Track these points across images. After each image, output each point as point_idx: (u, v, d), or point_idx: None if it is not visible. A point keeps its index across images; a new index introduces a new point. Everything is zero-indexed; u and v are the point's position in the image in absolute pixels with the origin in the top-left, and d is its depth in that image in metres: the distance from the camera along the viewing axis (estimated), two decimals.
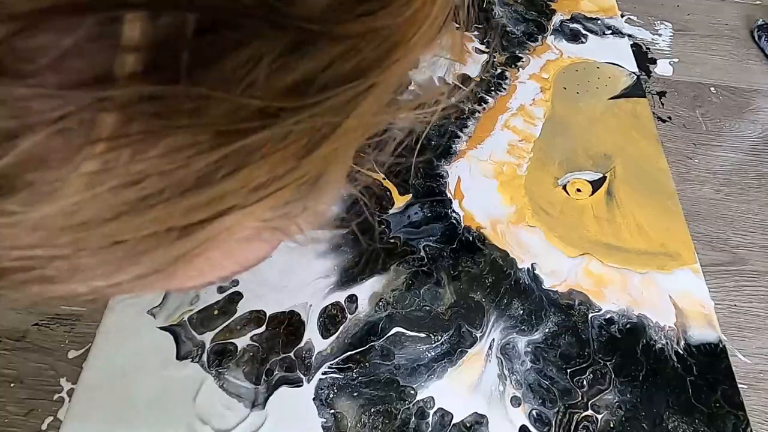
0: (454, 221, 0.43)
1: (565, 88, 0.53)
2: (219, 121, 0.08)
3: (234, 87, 0.08)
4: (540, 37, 0.57)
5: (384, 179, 0.45)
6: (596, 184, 0.46)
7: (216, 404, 0.33)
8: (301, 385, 0.34)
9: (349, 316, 0.37)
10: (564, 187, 0.46)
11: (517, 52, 0.55)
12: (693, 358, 0.38)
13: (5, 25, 0.07)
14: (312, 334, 0.37)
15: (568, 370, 0.36)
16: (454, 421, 0.34)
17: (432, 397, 0.35)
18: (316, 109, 0.09)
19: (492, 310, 0.39)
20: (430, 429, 0.34)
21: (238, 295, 0.38)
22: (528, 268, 0.41)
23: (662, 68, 0.57)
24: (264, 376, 0.35)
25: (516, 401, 0.35)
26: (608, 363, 0.37)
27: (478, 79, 0.51)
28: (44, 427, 0.33)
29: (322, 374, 0.35)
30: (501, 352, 0.37)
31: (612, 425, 0.35)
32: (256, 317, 0.37)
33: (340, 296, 0.38)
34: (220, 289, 0.38)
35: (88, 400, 0.33)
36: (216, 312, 0.37)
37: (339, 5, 0.09)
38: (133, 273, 0.10)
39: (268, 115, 0.09)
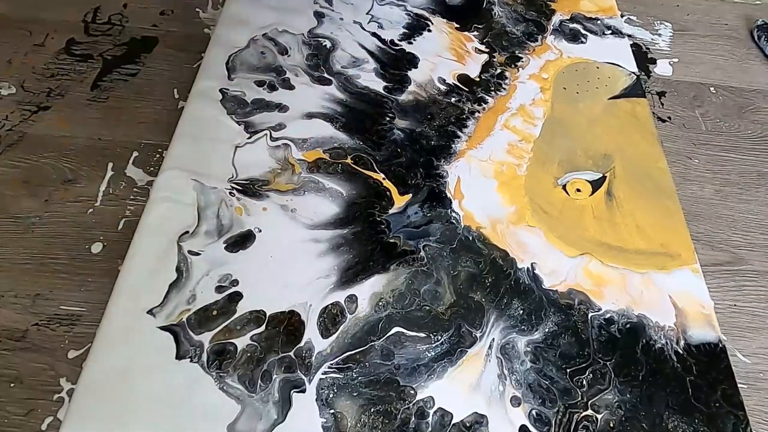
0: (454, 221, 0.43)
1: (564, 88, 0.53)
2: None
3: None
4: (540, 37, 0.57)
5: (384, 179, 0.45)
6: (596, 184, 0.46)
7: (215, 405, 0.33)
8: (305, 391, 0.34)
9: (349, 316, 0.37)
10: (564, 187, 0.46)
11: (517, 52, 0.55)
12: (693, 358, 0.38)
13: None
14: (312, 333, 0.37)
15: (568, 370, 0.36)
16: (453, 421, 0.34)
17: (432, 397, 0.35)
18: None
19: (492, 310, 0.39)
20: (429, 429, 0.34)
21: (238, 295, 0.38)
22: (528, 268, 0.41)
23: (662, 68, 0.57)
24: (265, 380, 0.35)
25: (516, 401, 0.35)
26: (608, 363, 0.37)
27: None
28: (44, 427, 0.33)
29: (322, 374, 0.35)
30: (501, 352, 0.37)
31: (612, 425, 0.35)
32: (255, 317, 0.37)
33: (340, 296, 0.38)
34: (220, 290, 0.38)
35: (88, 400, 0.33)
36: (215, 312, 0.37)
37: None
38: None
39: None
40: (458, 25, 0.57)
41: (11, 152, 0.40)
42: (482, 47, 0.55)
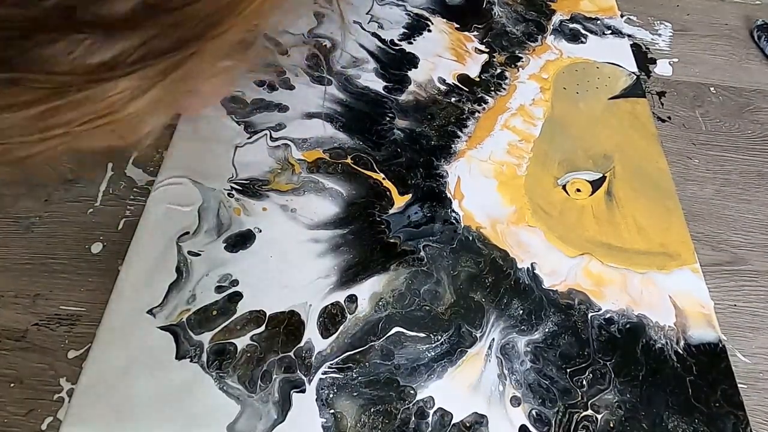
0: (454, 221, 0.43)
1: (564, 88, 0.53)
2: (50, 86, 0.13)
3: (52, 67, 0.12)
4: (540, 37, 0.57)
5: (384, 179, 0.45)
6: (596, 184, 0.46)
7: (215, 405, 0.33)
8: (305, 391, 0.34)
9: (348, 316, 0.37)
10: (564, 187, 0.46)
11: (517, 52, 0.55)
12: (693, 358, 0.38)
13: None
14: (312, 333, 0.37)
15: (568, 370, 0.36)
16: (453, 421, 0.34)
17: (432, 397, 0.35)
18: (135, 72, 0.13)
19: (492, 310, 0.39)
20: (429, 429, 0.34)
21: (238, 295, 0.38)
22: (528, 268, 0.41)
23: (662, 68, 0.57)
24: (265, 380, 0.35)
25: (516, 401, 0.35)
26: (608, 363, 0.37)
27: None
28: (44, 427, 0.33)
29: (322, 374, 0.35)
30: (501, 352, 0.37)
31: (612, 425, 0.35)
32: (255, 317, 0.37)
33: (340, 296, 0.38)
34: (219, 290, 0.38)
35: (88, 400, 0.33)
36: (215, 312, 0.37)
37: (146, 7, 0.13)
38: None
39: (85, 82, 0.13)
40: (458, 25, 0.57)
41: None
42: (482, 47, 0.55)
